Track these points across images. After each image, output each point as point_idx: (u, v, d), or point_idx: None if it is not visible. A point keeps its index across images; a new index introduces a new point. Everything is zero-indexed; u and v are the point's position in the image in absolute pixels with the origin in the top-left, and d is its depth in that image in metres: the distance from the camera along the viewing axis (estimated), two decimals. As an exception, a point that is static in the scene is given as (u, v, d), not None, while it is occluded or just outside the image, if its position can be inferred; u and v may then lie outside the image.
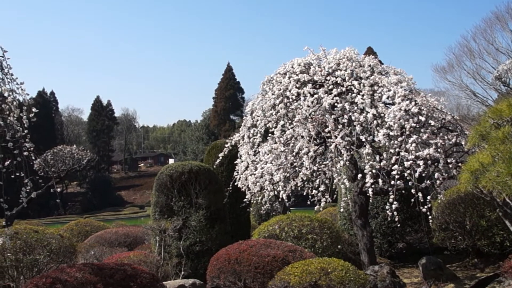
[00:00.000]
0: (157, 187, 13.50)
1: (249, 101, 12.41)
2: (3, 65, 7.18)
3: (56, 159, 24.77)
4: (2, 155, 7.18)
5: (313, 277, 8.12)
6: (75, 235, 20.70)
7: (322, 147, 10.52)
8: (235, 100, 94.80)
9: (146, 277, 8.78)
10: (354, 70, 10.29)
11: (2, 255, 11.17)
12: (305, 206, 13.80)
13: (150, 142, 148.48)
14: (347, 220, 15.48)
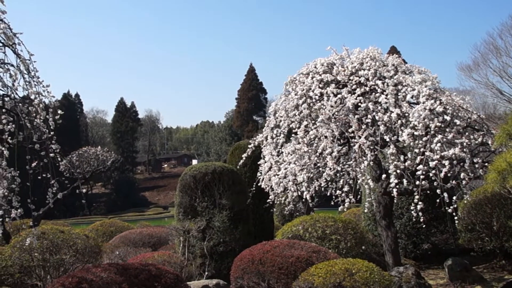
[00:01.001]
0: (180, 188, 13.57)
1: (272, 102, 12.41)
2: (29, 68, 7.29)
3: (81, 160, 25.07)
4: (29, 156, 7.28)
5: (337, 278, 8.08)
6: (100, 235, 20.92)
7: (345, 147, 10.46)
8: (258, 101, 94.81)
9: (171, 277, 8.83)
10: (378, 69, 10.21)
11: (29, 255, 11.35)
12: (328, 206, 13.73)
13: (173, 143, 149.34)
14: (371, 221, 15.37)
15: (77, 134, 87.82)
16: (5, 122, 7.07)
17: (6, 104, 7.08)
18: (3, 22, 6.73)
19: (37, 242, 10.61)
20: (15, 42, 7.01)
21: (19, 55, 7.13)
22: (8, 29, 6.83)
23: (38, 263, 11.41)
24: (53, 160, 7.43)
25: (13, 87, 7.08)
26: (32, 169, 7.30)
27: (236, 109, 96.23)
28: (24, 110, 7.26)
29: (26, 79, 7.21)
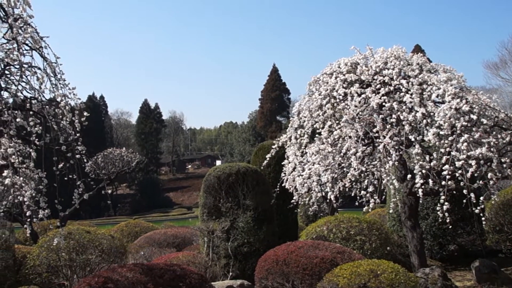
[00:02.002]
0: (205, 189, 13.61)
1: (295, 102, 12.38)
2: (56, 71, 7.39)
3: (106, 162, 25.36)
4: (56, 158, 7.38)
5: (362, 279, 8.02)
6: (125, 235, 21.13)
7: (370, 147, 10.38)
8: (281, 101, 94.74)
9: (195, 277, 8.86)
10: (402, 68, 10.11)
11: (56, 255, 11.52)
12: (353, 207, 13.66)
13: (197, 144, 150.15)
14: (396, 222, 15.23)
15: (102, 136, 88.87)
16: (32, 124, 7.18)
17: (33, 107, 7.20)
18: (30, 26, 6.84)
19: (64, 242, 10.76)
20: (42, 46, 7.12)
21: (46, 58, 7.24)
22: (35, 33, 6.94)
23: (65, 262, 11.58)
24: (79, 161, 7.52)
25: (40, 89, 7.19)
26: (59, 170, 7.39)
27: (260, 110, 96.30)
28: (50, 112, 7.36)
29: (52, 81, 7.31)
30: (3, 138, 6.89)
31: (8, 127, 6.55)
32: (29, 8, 6.82)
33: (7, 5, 6.49)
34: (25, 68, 6.84)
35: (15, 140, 6.88)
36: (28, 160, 7.21)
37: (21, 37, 6.63)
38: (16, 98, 6.86)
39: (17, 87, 6.81)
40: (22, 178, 7.12)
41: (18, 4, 6.62)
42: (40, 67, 7.13)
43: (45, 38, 7.19)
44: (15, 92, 6.80)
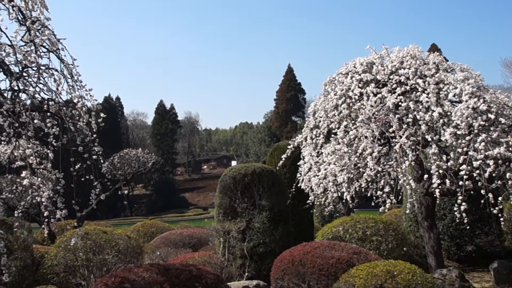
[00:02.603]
0: (220, 189, 13.64)
1: (310, 102, 12.38)
2: (73, 72, 7.46)
3: (123, 162, 25.60)
4: (73, 159, 7.44)
5: (378, 279, 7.97)
6: (141, 236, 21.24)
7: (386, 147, 10.33)
8: (296, 102, 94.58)
9: (211, 277, 8.88)
10: (418, 68, 10.03)
11: (74, 255, 11.62)
12: (369, 207, 13.59)
13: (212, 145, 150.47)
14: (412, 222, 15.13)
15: (118, 137, 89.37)
16: (49, 126, 7.25)
17: (50, 108, 7.26)
18: (47, 28, 6.91)
19: (81, 242, 10.85)
20: (59, 48, 7.18)
21: (63, 60, 7.30)
22: (52, 35, 7.01)
23: (82, 262, 11.67)
24: (95, 162, 7.57)
25: (57, 91, 7.26)
26: (76, 171, 7.46)
27: (275, 110, 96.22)
28: (67, 114, 7.42)
29: (69, 83, 7.38)
30: (22, 139, 6.97)
31: (26, 129, 6.62)
32: (46, 11, 6.89)
33: (25, 8, 6.56)
34: (43, 70, 6.91)
35: (33, 141, 6.95)
36: (46, 161, 7.28)
37: (38, 39, 6.70)
38: (34, 100, 6.93)
39: (35, 89, 6.88)
40: (40, 179, 7.20)
41: (36, 7, 6.70)
42: (57, 69, 7.21)
43: (62, 40, 7.26)
44: (33, 93, 6.87)
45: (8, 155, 8.19)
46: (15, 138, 7.03)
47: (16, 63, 6.57)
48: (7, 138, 7.27)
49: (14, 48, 6.42)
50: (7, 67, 6.53)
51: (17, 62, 6.55)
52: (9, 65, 6.54)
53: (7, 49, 6.36)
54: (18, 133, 6.82)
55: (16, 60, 6.51)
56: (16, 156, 7.64)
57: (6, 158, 8.37)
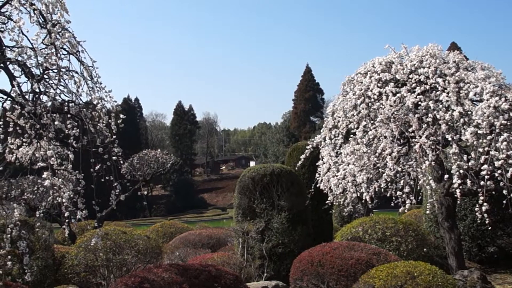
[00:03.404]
0: (239, 190, 13.66)
1: (329, 102, 12.34)
2: (92, 74, 7.52)
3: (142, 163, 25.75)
4: (93, 160, 7.51)
5: (398, 280, 7.92)
6: (160, 236, 21.36)
7: (405, 147, 10.25)
8: (314, 102, 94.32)
9: (230, 278, 8.89)
10: (438, 67, 9.94)
11: (94, 255, 11.73)
12: (388, 208, 13.51)
13: (231, 145, 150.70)
14: (433, 223, 15.00)
15: (137, 138, 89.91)
16: (70, 127, 7.32)
17: (71, 110, 7.33)
18: (67, 31, 6.98)
19: (101, 242, 10.95)
20: (78, 50, 7.25)
21: (83, 62, 7.37)
22: (72, 37, 7.07)
23: (102, 262, 11.77)
24: (115, 163, 7.62)
25: (77, 93, 7.33)
26: (96, 172, 7.52)
27: (293, 110, 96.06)
28: (87, 115, 7.49)
29: (89, 85, 7.45)
30: (43, 141, 7.04)
31: (47, 130, 6.69)
32: (66, 14, 6.96)
33: (45, 11, 6.64)
34: (63, 72, 6.98)
35: (53, 142, 7.01)
36: (66, 162, 7.34)
37: (59, 42, 6.77)
38: (54, 102, 7.00)
39: (56, 90, 6.96)
40: (60, 180, 7.26)
41: (56, 10, 6.77)
42: (77, 71, 7.27)
43: (82, 43, 7.33)
44: (54, 95, 6.95)
45: (29, 157, 8.27)
46: (37, 139, 7.11)
47: (37, 65, 6.65)
48: (28, 139, 7.37)
49: (35, 51, 6.49)
50: (29, 70, 6.61)
51: (38, 64, 6.63)
52: (30, 68, 6.62)
53: (28, 51, 6.44)
54: (39, 134, 6.90)
55: (37, 62, 6.59)
56: (38, 158, 7.72)
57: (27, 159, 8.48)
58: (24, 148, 8.19)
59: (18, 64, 6.44)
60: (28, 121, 6.96)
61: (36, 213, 8.90)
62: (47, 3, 6.65)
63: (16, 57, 6.33)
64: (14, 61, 6.37)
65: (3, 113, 7.52)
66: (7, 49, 6.53)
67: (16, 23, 6.23)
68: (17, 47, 6.39)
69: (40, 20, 6.67)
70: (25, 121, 7.08)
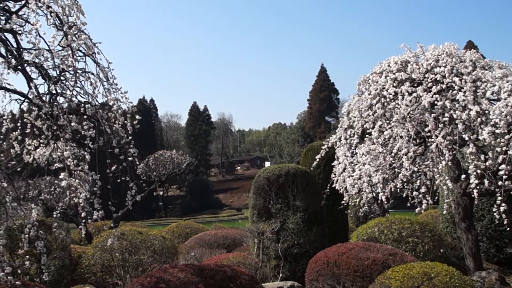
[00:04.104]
0: (254, 190, 13.67)
1: (344, 102, 12.30)
2: (108, 76, 7.57)
3: (157, 164, 25.84)
4: (109, 160, 7.56)
5: (415, 281, 7.86)
6: (176, 236, 21.44)
7: (422, 147, 10.18)
8: (330, 102, 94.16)
9: (246, 278, 8.90)
10: (455, 66, 9.86)
11: (110, 255, 11.81)
12: (404, 208, 13.39)
13: (246, 146, 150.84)
14: (449, 223, 14.87)
15: (153, 138, 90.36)
16: (86, 128, 7.39)
17: (87, 111, 7.39)
18: (83, 33, 7.03)
19: (117, 242, 11.02)
20: (94, 52, 7.30)
21: (99, 63, 7.42)
22: (88, 39, 7.13)
23: (118, 262, 11.84)
24: (131, 163, 7.66)
25: (93, 94, 7.37)
26: (112, 173, 7.57)
27: (308, 111, 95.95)
28: (103, 116, 7.53)
29: (105, 86, 7.49)
30: (60, 141, 7.11)
31: (64, 131, 6.75)
32: (82, 16, 7.01)
33: (62, 13, 6.69)
34: (79, 74, 7.03)
35: (70, 143, 7.07)
36: (83, 163, 7.40)
37: (75, 44, 6.82)
38: (71, 103, 7.06)
39: (72, 92, 7.01)
40: (77, 181, 7.32)
41: (72, 12, 6.82)
42: (93, 73, 7.32)
43: (98, 44, 7.38)
44: (70, 97, 7.00)
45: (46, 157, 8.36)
46: (54, 140, 7.18)
47: (54, 67, 6.70)
48: (45, 140, 7.44)
49: (52, 53, 6.55)
50: (46, 72, 6.67)
51: (55, 66, 6.69)
52: (47, 70, 6.68)
53: (45, 53, 6.50)
54: (56, 135, 6.96)
55: (54, 64, 6.65)
56: (54, 158, 7.78)
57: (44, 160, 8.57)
58: (41, 149, 8.27)
59: (35, 66, 6.51)
60: (45, 123, 7.03)
61: (53, 213, 8.99)
62: (64, 5, 6.70)
63: (33, 59, 6.39)
64: (32, 63, 6.43)
65: (20, 115, 7.60)
66: (25, 51, 6.59)
67: (33, 26, 6.29)
68: (34, 49, 6.45)
69: (56, 22, 6.73)
70: (42, 123, 7.15)
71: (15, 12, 6.53)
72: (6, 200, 7.03)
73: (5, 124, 7.49)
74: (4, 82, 6.63)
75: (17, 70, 6.42)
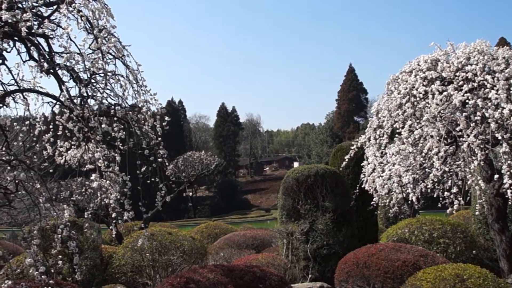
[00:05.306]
0: (283, 191, 13.65)
1: (373, 102, 12.17)
2: (138, 78, 7.64)
3: (186, 165, 26.04)
4: (139, 162, 7.63)
5: (447, 283, 7.74)
6: (205, 237, 21.57)
7: (453, 146, 10.02)
8: (358, 102, 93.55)
9: (275, 279, 8.90)
10: (487, 63, 9.67)
11: (140, 255, 11.93)
12: (435, 208, 13.21)
13: (274, 146, 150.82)
14: (482, 224, 14.60)
15: (182, 140, 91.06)
16: (116, 130, 7.48)
17: (117, 113, 7.47)
18: (113, 36, 7.11)
19: (147, 243, 11.13)
20: (124, 54, 7.38)
21: (128, 66, 7.49)
22: (118, 42, 7.21)
23: (148, 263, 11.96)
24: (161, 164, 7.72)
25: (123, 96, 7.45)
26: (142, 174, 7.63)
27: (336, 111, 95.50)
28: (133, 118, 7.61)
29: (134, 88, 7.56)
30: (90, 143, 7.21)
31: (95, 133, 6.84)
32: (112, 19, 7.10)
33: (92, 17, 6.79)
34: (109, 76, 7.11)
35: (101, 145, 7.16)
36: (113, 164, 7.49)
37: (105, 46, 6.90)
38: (101, 105, 7.15)
39: (102, 94, 7.10)
40: (108, 182, 7.41)
41: (102, 15, 6.91)
42: (123, 75, 7.40)
43: (127, 47, 7.46)
44: (101, 99, 7.10)
45: (78, 159, 8.50)
46: (85, 142, 7.29)
47: (85, 70, 6.80)
48: (77, 142, 7.55)
49: (82, 56, 6.64)
50: (77, 75, 6.77)
51: (86, 69, 6.78)
52: (78, 72, 6.78)
53: (76, 57, 6.59)
54: (87, 137, 7.06)
55: (84, 67, 6.74)
56: (86, 160, 7.90)
57: (76, 162, 8.71)
58: (73, 151, 8.42)
59: (67, 69, 6.60)
60: (76, 125, 7.13)
61: (85, 214, 9.13)
62: (94, 9, 6.80)
63: (64, 63, 6.49)
64: (63, 67, 6.53)
65: (52, 117, 7.74)
66: (56, 55, 6.70)
67: (65, 30, 6.39)
68: (65, 53, 6.55)
69: (87, 26, 6.83)
70: (74, 125, 7.26)
71: (47, 17, 6.65)
72: (40, 201, 7.17)
73: (38, 127, 7.64)
74: (37, 86, 6.75)
75: (49, 74, 6.53)
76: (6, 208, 9.98)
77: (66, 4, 6.36)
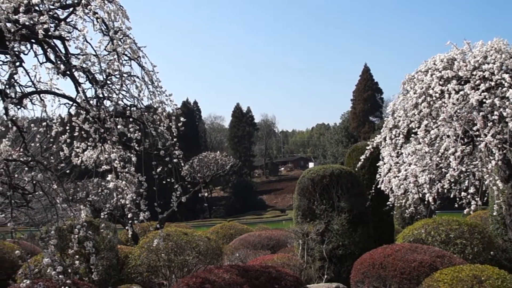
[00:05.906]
0: (299, 191, 13.63)
1: (388, 102, 12.11)
2: (153, 79, 7.69)
3: (202, 165, 26.07)
4: (155, 162, 7.67)
5: (464, 285, 7.67)
6: (221, 237, 21.60)
7: (470, 146, 9.92)
8: (373, 101, 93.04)
9: (290, 279, 8.89)
10: (504, 62, 9.56)
11: (156, 255, 11.99)
12: (452, 209, 13.08)
13: (289, 147, 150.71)
14: (500, 225, 14.45)
15: (197, 140, 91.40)
16: (132, 131, 7.52)
17: (133, 114, 7.52)
18: (129, 37, 7.16)
19: (163, 243, 11.18)
20: (139, 55, 7.43)
21: (144, 67, 7.54)
22: (133, 43, 7.26)
23: (164, 263, 12.01)
24: (176, 165, 7.75)
25: (139, 97, 7.50)
26: (158, 174, 7.67)
27: (352, 111, 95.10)
28: (149, 119, 7.66)
29: (150, 89, 7.61)
30: (107, 144, 7.27)
31: (110, 134, 6.89)
32: (127, 21, 7.15)
33: (108, 19, 6.84)
34: (125, 78, 7.17)
35: (117, 146, 7.21)
36: (129, 165, 7.54)
37: (120, 48, 6.95)
38: (117, 106, 7.20)
39: (118, 95, 7.15)
40: (124, 182, 7.45)
41: (118, 17, 6.96)
42: (138, 76, 7.45)
43: (143, 48, 7.51)
44: (117, 100, 7.15)
45: (94, 160, 8.55)
46: (101, 143, 7.35)
47: (101, 71, 6.86)
48: (93, 143, 7.62)
49: (98, 58, 6.70)
50: (93, 76, 6.83)
51: (102, 70, 6.84)
52: (94, 74, 6.84)
53: (92, 58, 6.65)
54: (103, 138, 7.12)
55: (100, 69, 6.80)
56: (102, 161, 7.96)
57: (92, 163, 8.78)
58: (89, 152, 8.46)
59: (83, 71, 6.66)
60: (92, 126, 7.20)
61: (101, 214, 9.19)
62: (109, 11, 6.85)
63: (81, 64, 6.55)
64: (79, 68, 6.59)
65: (69, 118, 7.82)
66: (73, 56, 6.76)
67: (81, 32, 6.45)
68: (81, 55, 6.61)
69: (102, 28, 6.88)
70: (90, 126, 7.32)
71: (63, 19, 6.71)
72: (57, 202, 7.23)
73: (55, 128, 7.72)
74: (54, 87, 6.82)
75: (65, 75, 6.59)
76: (24, 208, 10.10)
77: (82, 6, 6.43)
